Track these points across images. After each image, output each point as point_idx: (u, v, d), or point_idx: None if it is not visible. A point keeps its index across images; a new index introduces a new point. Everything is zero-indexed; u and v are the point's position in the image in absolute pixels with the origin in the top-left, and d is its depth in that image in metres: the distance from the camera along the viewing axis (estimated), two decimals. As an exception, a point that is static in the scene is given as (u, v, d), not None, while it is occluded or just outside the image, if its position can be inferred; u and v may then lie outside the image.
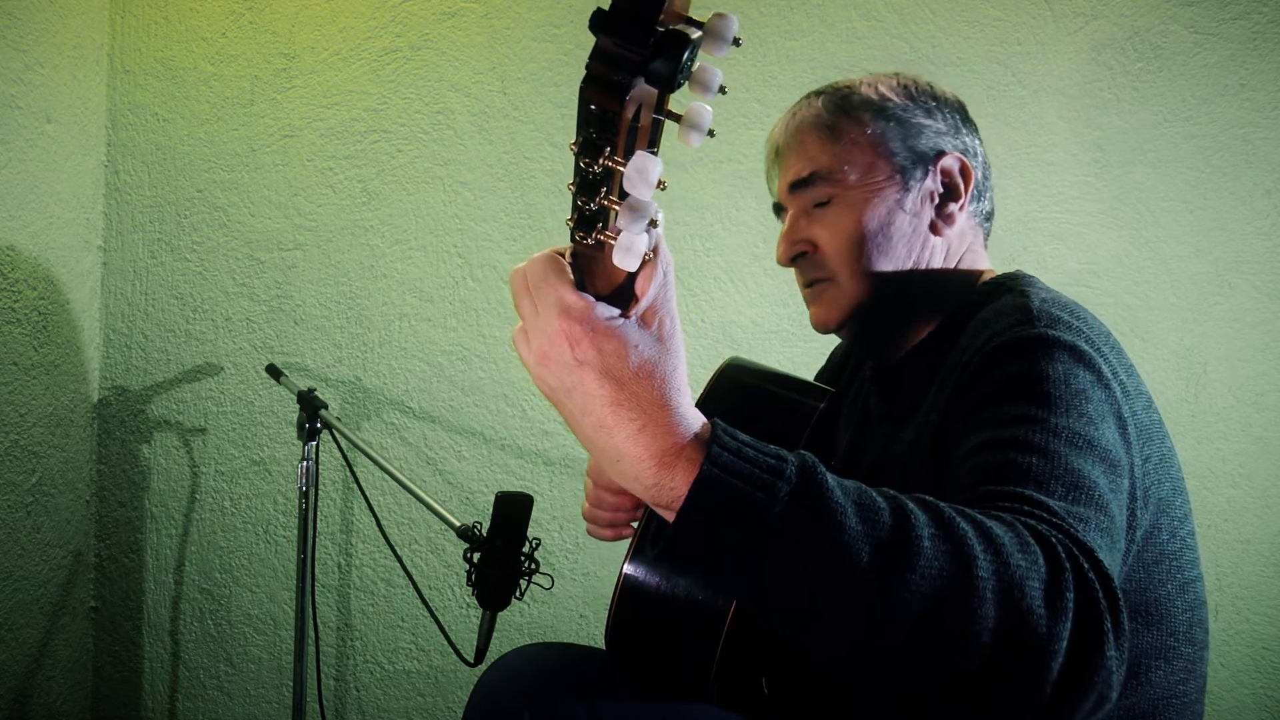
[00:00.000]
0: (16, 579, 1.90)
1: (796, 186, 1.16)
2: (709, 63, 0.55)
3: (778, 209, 1.23)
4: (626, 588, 1.01)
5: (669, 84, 0.51)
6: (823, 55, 2.09)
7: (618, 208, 0.58)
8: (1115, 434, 0.87)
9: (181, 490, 2.17)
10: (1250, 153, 2.05)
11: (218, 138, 2.16)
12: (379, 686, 2.15)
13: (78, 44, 2.06)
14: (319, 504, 1.93)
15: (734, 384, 1.16)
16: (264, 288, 2.16)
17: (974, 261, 1.18)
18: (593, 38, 0.51)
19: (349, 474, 2.06)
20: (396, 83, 2.14)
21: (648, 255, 0.61)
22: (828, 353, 1.49)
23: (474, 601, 1.83)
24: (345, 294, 2.15)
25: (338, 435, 1.84)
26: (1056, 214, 2.08)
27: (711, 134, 0.57)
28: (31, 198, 1.92)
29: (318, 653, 1.88)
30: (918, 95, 1.16)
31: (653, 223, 0.60)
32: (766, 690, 1.21)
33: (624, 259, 0.59)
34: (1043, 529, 0.70)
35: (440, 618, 1.93)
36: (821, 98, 1.17)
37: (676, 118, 0.57)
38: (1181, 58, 2.06)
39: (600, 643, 1.07)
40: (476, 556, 1.53)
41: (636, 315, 0.67)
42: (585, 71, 0.51)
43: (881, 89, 1.15)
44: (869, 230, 1.12)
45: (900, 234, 1.12)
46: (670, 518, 0.67)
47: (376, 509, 2.07)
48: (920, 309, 1.15)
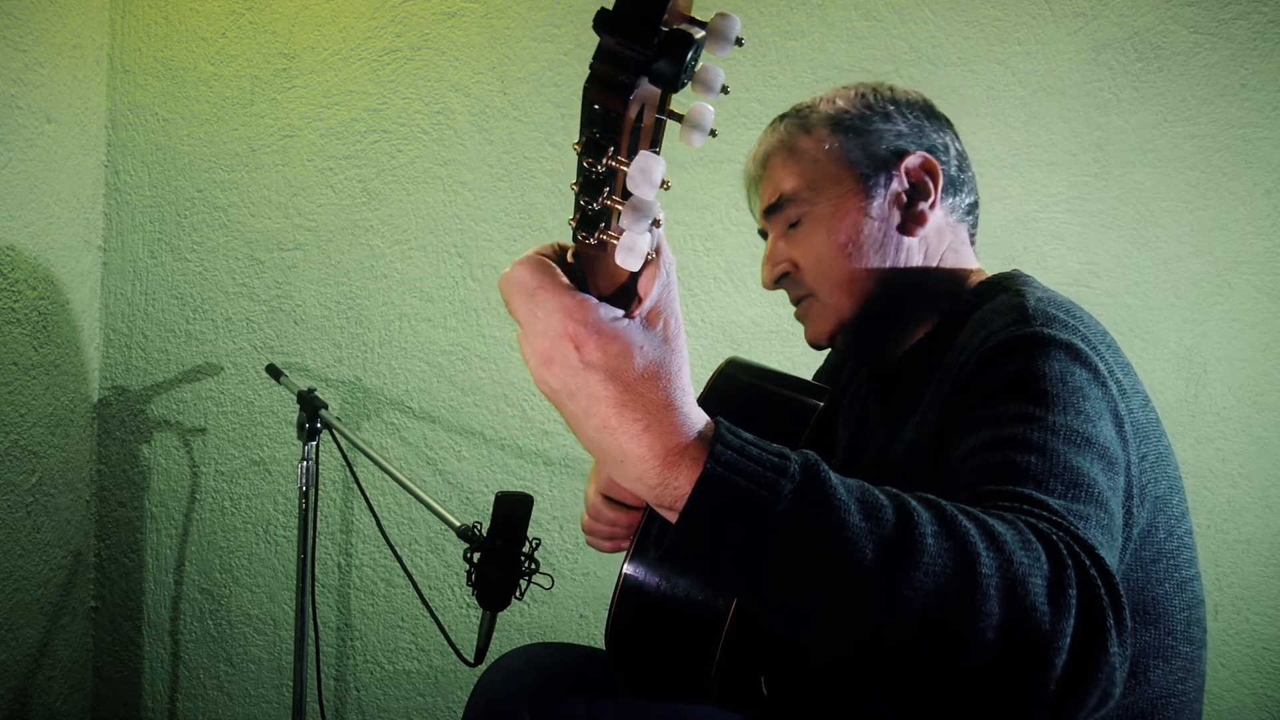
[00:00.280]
0: (16, 579, 1.90)
1: (769, 212, 1.19)
2: (711, 63, 0.55)
3: (763, 233, 1.26)
4: (626, 588, 1.01)
5: (672, 84, 0.51)
6: (823, 55, 2.10)
7: (621, 207, 0.58)
8: (1112, 431, 0.88)
9: (181, 490, 2.17)
10: (1250, 153, 2.05)
11: (218, 138, 2.16)
12: (379, 686, 2.15)
13: (78, 44, 2.06)
14: (319, 504, 1.93)
15: (733, 384, 1.17)
16: (264, 288, 2.16)
17: (958, 259, 1.18)
18: (594, 38, 0.51)
19: (349, 474, 2.06)
20: (396, 83, 2.14)
21: (650, 255, 0.61)
22: (826, 352, 1.49)
23: (474, 601, 1.83)
24: (345, 294, 2.15)
25: (338, 435, 1.84)
26: (1056, 214, 2.08)
27: (713, 134, 0.57)
28: (31, 198, 1.92)
29: (318, 653, 1.88)
30: (875, 102, 1.17)
31: (655, 222, 0.60)
32: (766, 690, 1.21)
33: (627, 259, 0.59)
34: (1043, 527, 0.71)
35: (440, 618, 1.93)
36: (784, 122, 1.20)
37: (679, 117, 0.57)
38: (1181, 58, 2.06)
39: (600, 643, 1.07)
40: (476, 556, 1.53)
41: (641, 316, 0.67)
42: (589, 71, 0.51)
43: (838, 102, 1.18)
44: (839, 242, 1.14)
45: (871, 241, 1.14)
46: (673, 518, 0.67)
47: (376, 509, 2.07)
48: (908, 310, 1.16)
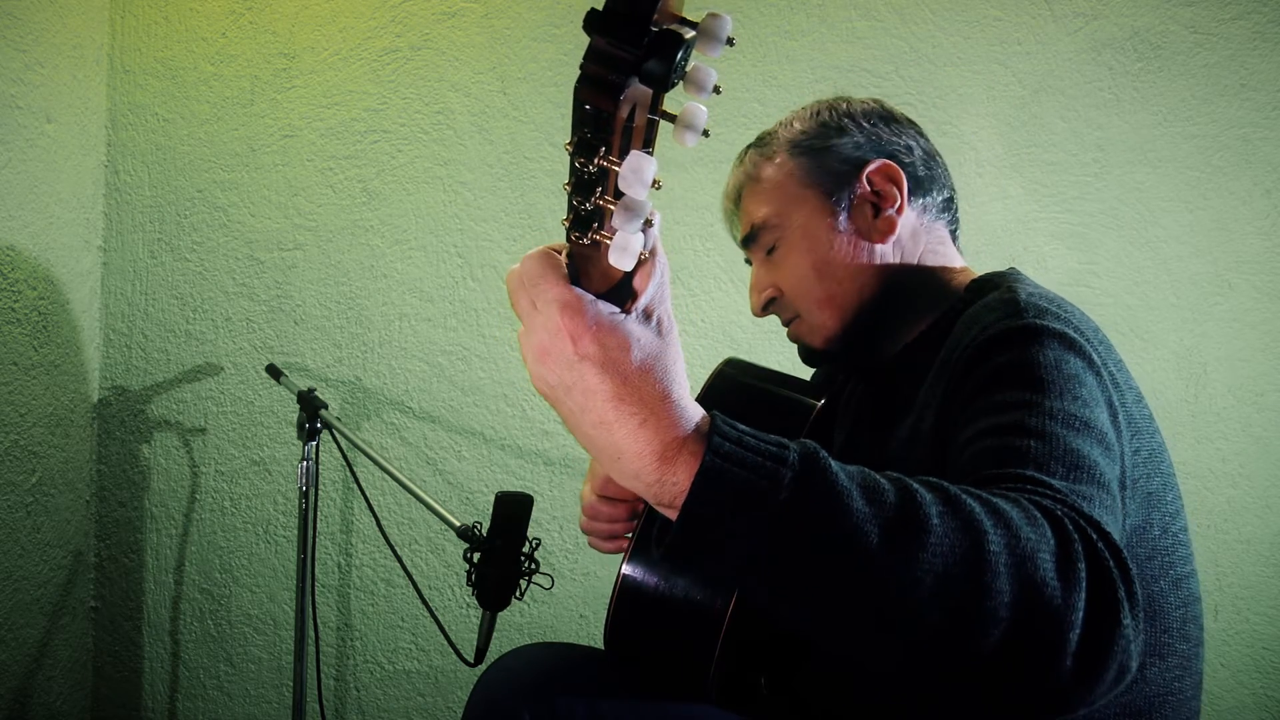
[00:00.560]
0: (16, 579, 1.91)
1: (746, 243, 1.23)
2: (703, 63, 0.55)
3: (749, 262, 1.28)
4: (625, 588, 1.01)
5: (663, 84, 0.51)
6: (823, 55, 2.10)
7: (613, 207, 0.58)
8: (1107, 420, 0.88)
9: (181, 490, 2.17)
10: (1250, 153, 2.05)
11: (218, 138, 2.17)
12: (379, 686, 2.15)
13: (78, 44, 2.06)
14: (319, 504, 1.93)
15: (731, 384, 1.17)
16: (264, 288, 2.16)
17: (938, 257, 1.19)
18: (584, 29, 0.51)
19: (349, 474, 2.06)
20: (396, 83, 2.14)
21: (644, 255, 0.61)
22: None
23: (474, 601, 1.83)
24: (345, 294, 2.15)
25: (338, 435, 1.84)
26: (1056, 214, 2.08)
27: (706, 134, 0.57)
28: (31, 198, 1.92)
29: (318, 653, 1.88)
30: (830, 119, 1.19)
31: (648, 222, 0.60)
32: (765, 690, 1.21)
33: (620, 258, 0.59)
34: (1047, 503, 0.71)
35: (440, 618, 1.93)
36: (748, 154, 1.23)
37: (671, 118, 0.57)
38: (1181, 58, 2.06)
39: (600, 643, 1.07)
40: (476, 556, 1.53)
41: (637, 311, 0.67)
42: (580, 71, 0.51)
43: (795, 125, 1.20)
44: (813, 261, 1.16)
45: (843, 254, 1.16)
46: (673, 515, 0.67)
47: (376, 509, 2.07)
48: (895, 315, 1.17)
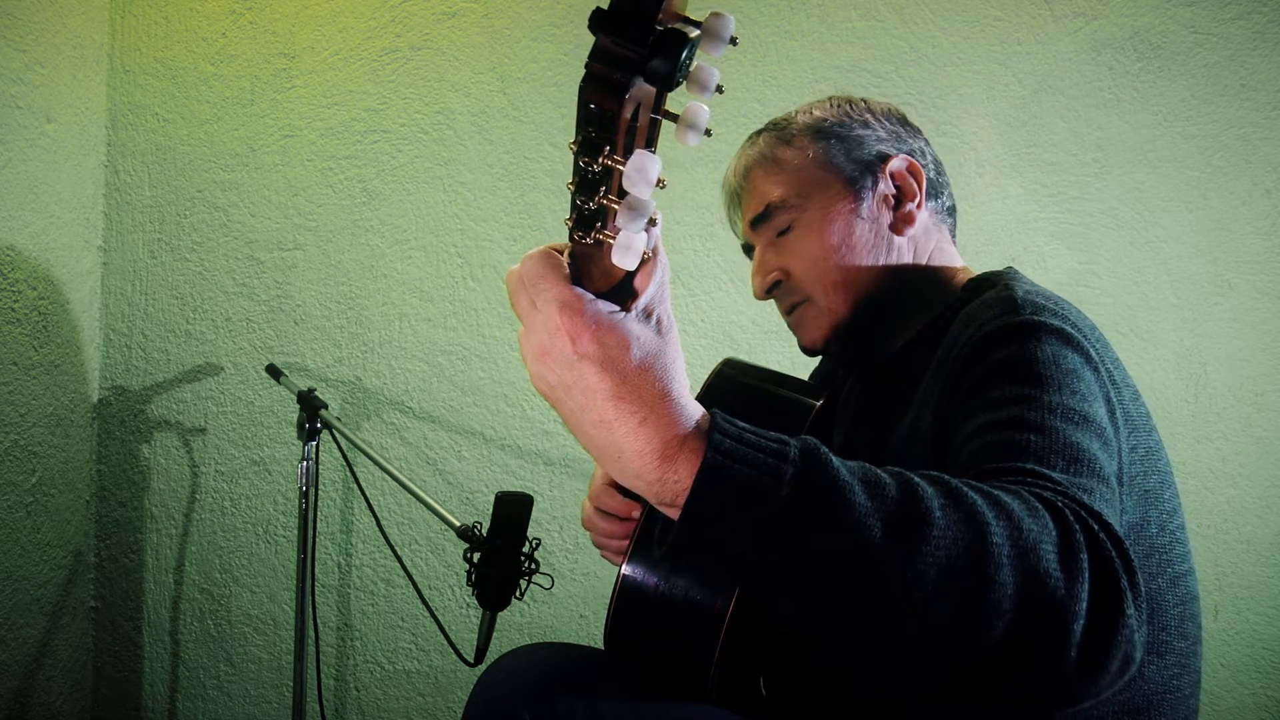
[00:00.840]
0: (16, 579, 1.91)
1: (757, 222, 1.20)
2: (706, 62, 0.55)
3: (746, 249, 1.26)
4: (625, 588, 1.01)
5: (668, 83, 0.51)
6: (823, 55, 2.10)
7: (617, 206, 0.58)
8: (1105, 415, 0.88)
9: (181, 490, 2.17)
10: (1250, 153, 2.05)
11: (218, 138, 2.17)
12: (379, 686, 2.15)
13: (78, 44, 2.06)
14: (319, 504, 1.93)
15: (731, 384, 1.17)
16: (264, 288, 2.16)
17: (944, 257, 1.20)
18: (593, 37, 0.51)
19: (349, 474, 2.06)
20: (396, 83, 2.14)
21: (646, 254, 0.61)
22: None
23: (474, 601, 1.83)
24: (345, 294, 2.15)
25: (338, 435, 1.84)
26: (1056, 214, 2.08)
27: (708, 133, 0.57)
28: (31, 198, 1.92)
29: (318, 653, 1.88)
30: (853, 110, 1.20)
31: (651, 221, 0.60)
32: (765, 690, 1.21)
33: (623, 258, 0.59)
34: (1048, 495, 0.71)
35: (440, 618, 1.93)
36: (762, 135, 1.22)
37: (674, 117, 0.57)
38: (1181, 58, 2.06)
39: (600, 643, 1.07)
40: (476, 556, 1.53)
41: (637, 310, 0.67)
42: (585, 70, 0.51)
43: (815, 112, 1.20)
44: (832, 244, 1.15)
45: (863, 241, 1.16)
46: (675, 514, 0.66)
47: (376, 509, 2.07)
48: (901, 309, 1.17)
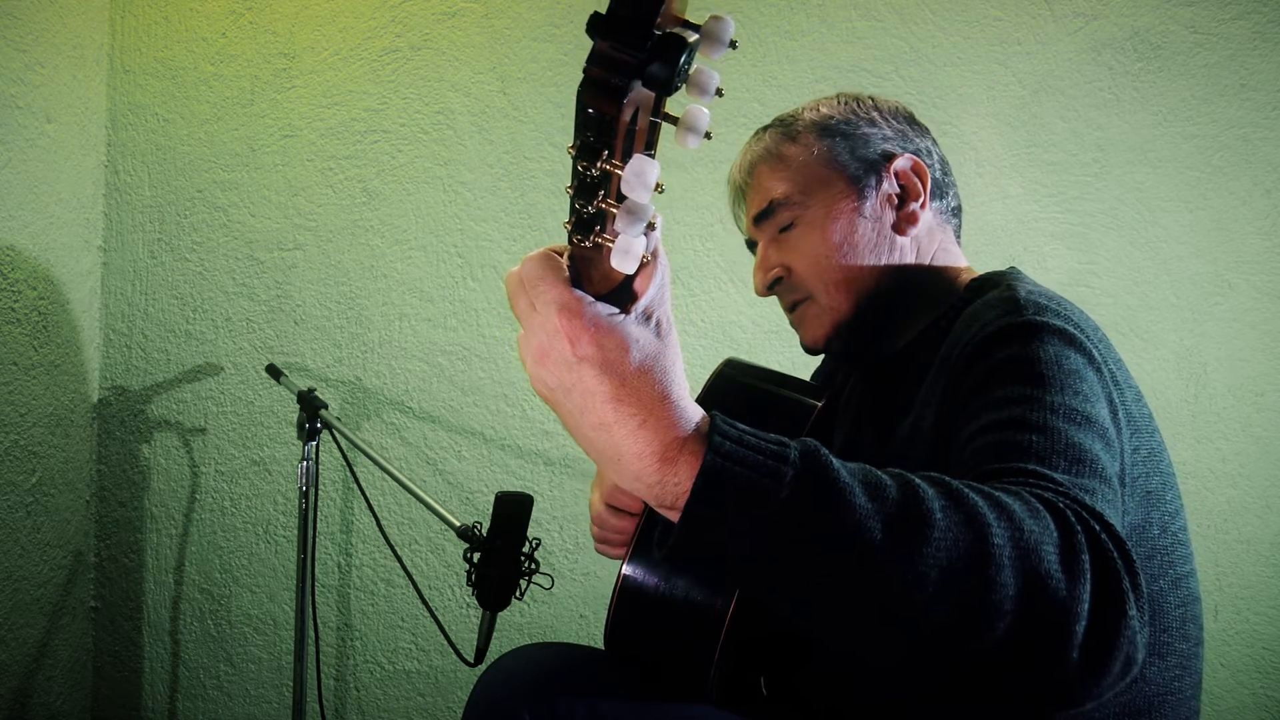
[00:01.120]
0: (16, 579, 1.91)
1: (760, 219, 1.20)
2: (706, 65, 0.55)
3: (750, 244, 1.26)
4: (625, 588, 1.01)
5: (666, 88, 0.51)
6: (823, 55, 2.09)
7: (616, 210, 0.58)
8: (1108, 415, 0.88)
9: (181, 490, 2.17)
10: (1250, 153, 2.05)
11: (218, 138, 2.16)
12: (379, 686, 2.15)
13: (78, 44, 2.06)
14: (319, 504, 1.93)
15: (732, 384, 1.17)
16: (264, 288, 2.16)
17: (948, 258, 1.20)
18: (587, 33, 0.51)
19: (349, 474, 2.06)
20: (396, 83, 2.14)
21: (646, 258, 0.61)
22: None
23: (474, 601, 1.83)
24: (345, 294, 2.15)
25: (338, 435, 1.84)
26: (1056, 214, 2.08)
27: (708, 136, 0.57)
28: (31, 198, 1.92)
29: (318, 653, 1.88)
30: (860, 108, 1.20)
31: (650, 225, 0.60)
32: (765, 690, 1.21)
33: (622, 262, 0.59)
34: (1049, 496, 0.71)
35: (440, 618, 1.93)
36: (768, 131, 1.22)
37: (674, 120, 0.57)
38: (1181, 58, 2.06)
39: (600, 643, 1.07)
40: (476, 556, 1.53)
41: (637, 313, 0.67)
42: (583, 75, 0.51)
43: (822, 109, 1.20)
44: (835, 242, 1.15)
45: (866, 240, 1.15)
46: (675, 516, 0.66)
47: (376, 509, 2.07)
48: (904, 308, 1.17)
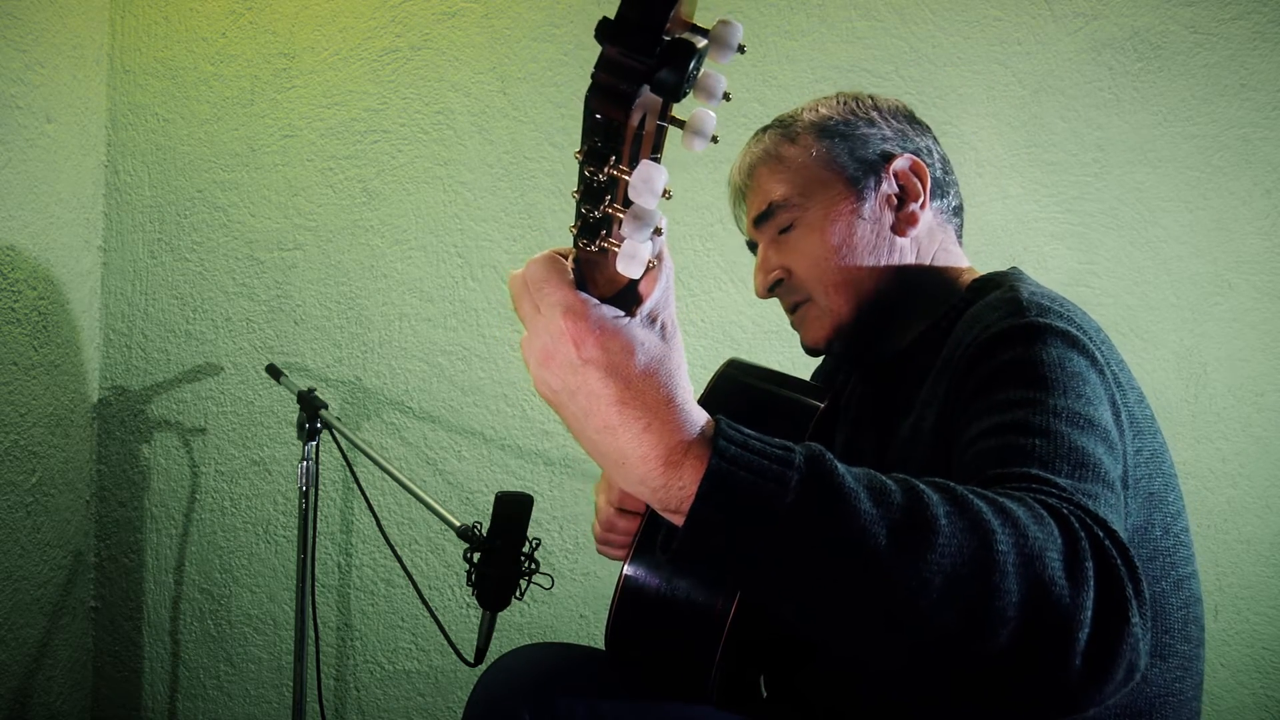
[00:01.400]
0: (16, 579, 1.90)
1: (760, 220, 1.20)
2: (713, 70, 0.55)
3: (751, 245, 1.26)
4: (627, 589, 1.01)
5: (675, 93, 0.51)
6: (823, 55, 2.09)
7: (622, 215, 0.58)
8: (1110, 418, 0.88)
9: (181, 490, 2.17)
10: (1250, 153, 2.05)
11: (218, 138, 2.16)
12: (379, 686, 2.15)
13: (78, 44, 2.06)
14: (319, 504, 1.93)
15: (734, 385, 1.17)
16: (264, 288, 2.16)
17: (949, 258, 1.20)
18: (599, 46, 0.51)
19: (349, 474, 2.06)
20: (396, 83, 2.14)
21: (652, 262, 0.61)
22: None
23: (474, 601, 1.83)
24: (345, 294, 2.15)
25: (338, 435, 1.84)
26: (1056, 214, 2.08)
27: (715, 140, 0.57)
28: (31, 198, 1.92)
29: (318, 653, 1.88)
30: (858, 108, 1.20)
31: (657, 230, 0.60)
32: (765, 691, 1.21)
33: (628, 266, 0.59)
34: (1053, 502, 0.71)
35: (440, 618, 1.93)
36: (767, 132, 1.22)
37: (680, 123, 0.57)
38: (1181, 58, 2.06)
39: (600, 643, 1.07)
40: (476, 556, 1.53)
41: (642, 316, 0.67)
42: (591, 81, 0.51)
43: (821, 110, 1.20)
44: (833, 245, 1.15)
45: (865, 242, 1.15)
46: (679, 520, 0.66)
47: (376, 509, 2.07)
48: (904, 309, 1.17)
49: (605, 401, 0.65)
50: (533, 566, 1.54)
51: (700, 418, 0.68)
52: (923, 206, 1.17)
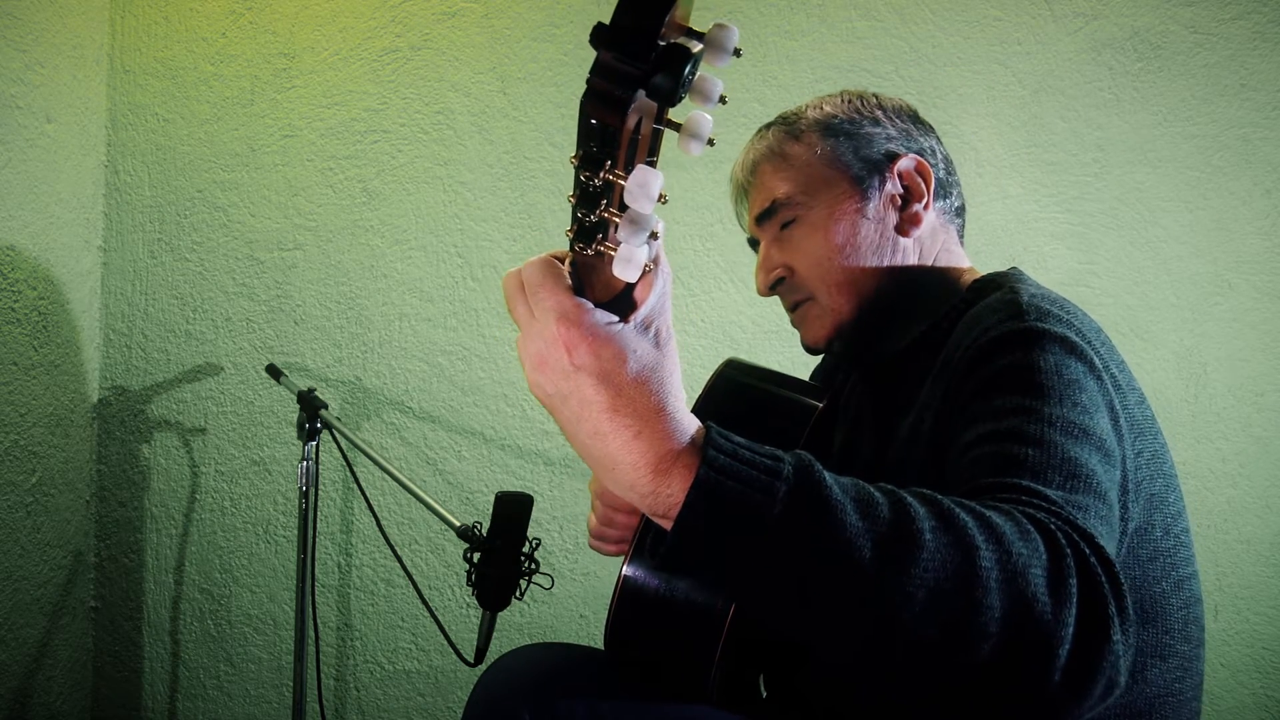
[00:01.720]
0: (16, 579, 1.91)
1: (762, 218, 1.20)
2: (709, 73, 0.55)
3: (752, 243, 1.26)
4: (626, 589, 1.01)
5: (670, 98, 0.51)
6: (823, 55, 2.09)
7: (618, 220, 0.58)
8: (1108, 425, 0.88)
9: (181, 490, 2.17)
10: (1250, 153, 2.05)
11: (218, 138, 2.16)
12: (379, 686, 2.15)
13: (78, 44, 2.06)
14: (319, 504, 1.93)
15: (733, 385, 1.17)
16: (264, 288, 2.16)
17: (951, 259, 1.19)
18: (590, 44, 0.51)
19: (349, 474, 2.06)
20: (396, 83, 2.14)
21: (648, 266, 0.61)
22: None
23: (474, 601, 1.83)
24: (345, 294, 2.15)
25: (338, 435, 1.84)
26: (1056, 214, 2.08)
27: (711, 143, 0.57)
28: (31, 198, 1.92)
29: (318, 653, 1.88)
30: (863, 107, 1.19)
31: (653, 234, 0.60)
32: (765, 691, 1.21)
33: (624, 271, 0.59)
34: (1041, 517, 0.71)
35: (440, 618, 1.93)
36: (771, 129, 1.21)
37: (676, 127, 0.57)
38: (1181, 58, 2.06)
39: (600, 643, 1.08)
40: (476, 556, 1.53)
41: (636, 322, 0.67)
42: (586, 86, 0.51)
43: (826, 108, 1.19)
44: (836, 243, 1.14)
45: (868, 241, 1.15)
46: (668, 525, 0.67)
47: (376, 509, 2.07)
48: (905, 310, 1.17)
49: (596, 408, 0.66)
50: (533, 566, 1.54)
51: (691, 425, 0.68)
52: (926, 207, 1.17)
